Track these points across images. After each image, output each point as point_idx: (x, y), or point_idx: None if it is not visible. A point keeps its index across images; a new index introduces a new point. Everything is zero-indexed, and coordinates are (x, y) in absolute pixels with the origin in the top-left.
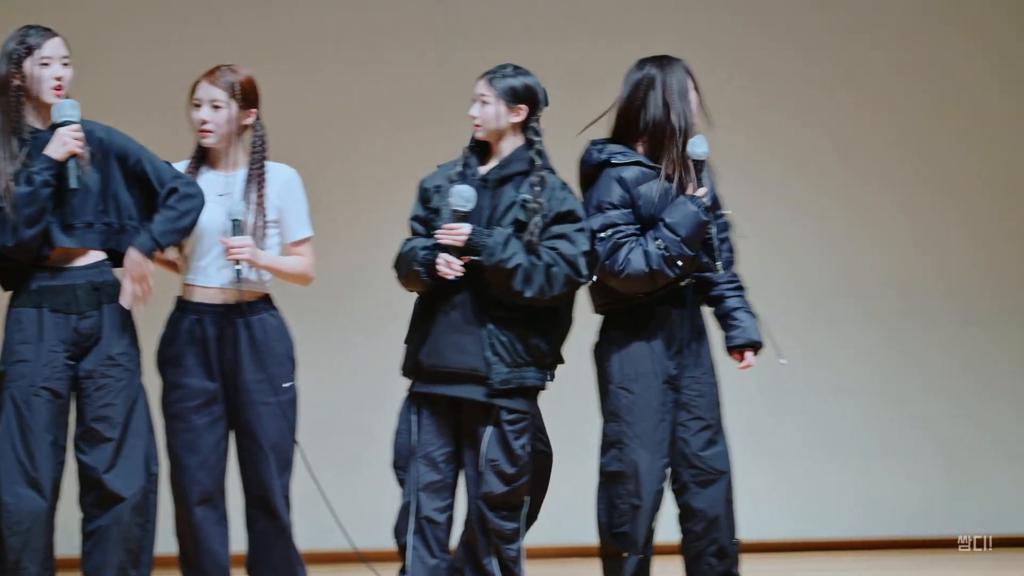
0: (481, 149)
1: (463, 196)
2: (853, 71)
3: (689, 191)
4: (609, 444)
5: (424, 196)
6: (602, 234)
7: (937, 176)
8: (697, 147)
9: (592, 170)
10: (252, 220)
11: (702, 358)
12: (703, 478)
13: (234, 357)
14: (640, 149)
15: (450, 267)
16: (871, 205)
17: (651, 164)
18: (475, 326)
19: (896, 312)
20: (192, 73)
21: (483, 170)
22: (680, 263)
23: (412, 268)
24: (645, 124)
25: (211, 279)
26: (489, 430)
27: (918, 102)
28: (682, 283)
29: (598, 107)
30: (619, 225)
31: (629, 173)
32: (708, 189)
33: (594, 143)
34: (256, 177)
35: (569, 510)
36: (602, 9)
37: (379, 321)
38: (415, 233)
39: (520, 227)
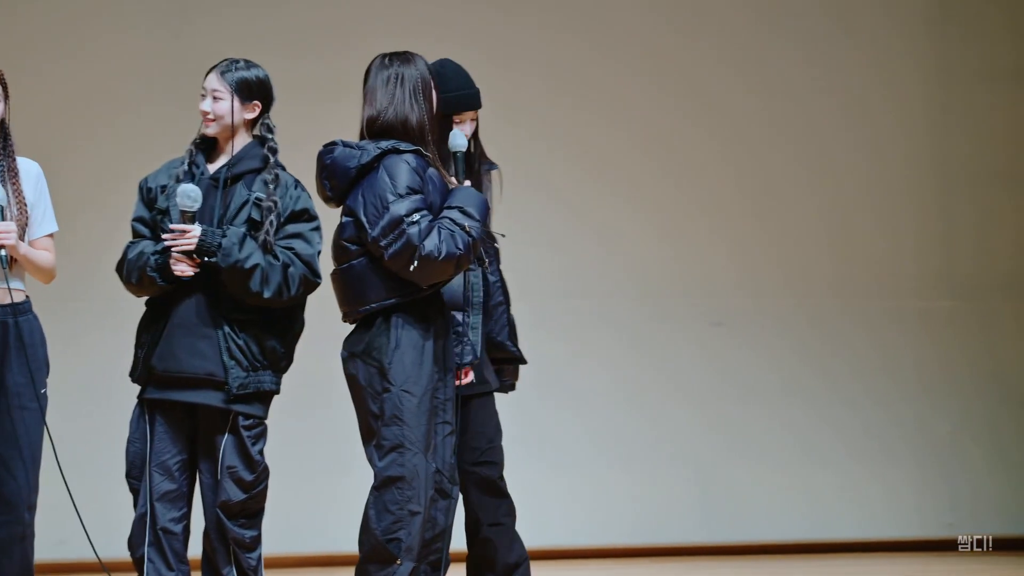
0: (207, 146)
1: (189, 196)
2: (592, 71)
3: (454, 183)
4: (389, 448)
5: (148, 196)
6: (412, 217)
7: (685, 176)
8: (455, 139)
9: (363, 168)
10: (14, 211)
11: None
12: (444, 488)
13: (1, 358)
14: None
15: (184, 270)
16: (607, 204)
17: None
18: (211, 328)
19: (638, 314)
20: None
21: (212, 168)
22: (478, 246)
23: (145, 274)
24: (397, 120)
25: None
26: (227, 437)
27: (663, 104)
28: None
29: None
30: (423, 209)
31: (416, 161)
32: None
33: (346, 144)
34: (9, 170)
35: (333, 518)
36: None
37: (112, 320)
38: (138, 235)
39: (254, 226)
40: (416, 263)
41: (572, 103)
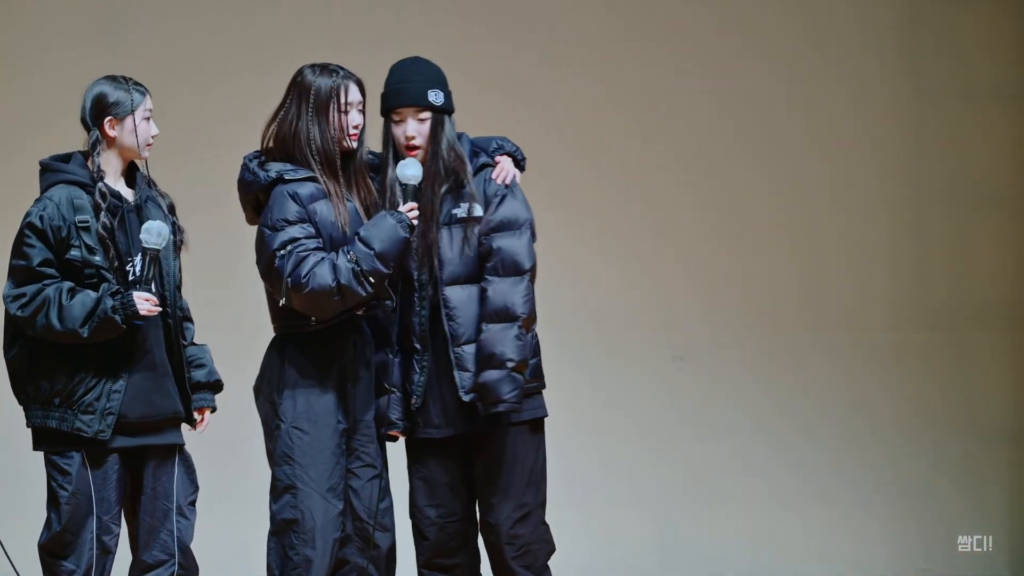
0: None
1: (160, 233)
2: (547, 87)
3: (399, 207)
4: (282, 490)
5: (57, 236)
6: (281, 251)
7: (645, 199)
8: (406, 169)
9: (263, 191)
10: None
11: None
12: (368, 535)
13: None
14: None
15: (151, 308)
16: (560, 228)
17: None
18: (168, 365)
19: (594, 346)
20: None
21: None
22: (372, 280)
23: (108, 318)
24: (295, 138)
25: None
26: (177, 471)
27: (621, 124)
28: (364, 309)
29: None
30: (300, 239)
31: (304, 189)
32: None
33: (249, 159)
34: None
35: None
36: None
37: None
38: (47, 278)
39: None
40: (284, 297)
41: (529, 120)
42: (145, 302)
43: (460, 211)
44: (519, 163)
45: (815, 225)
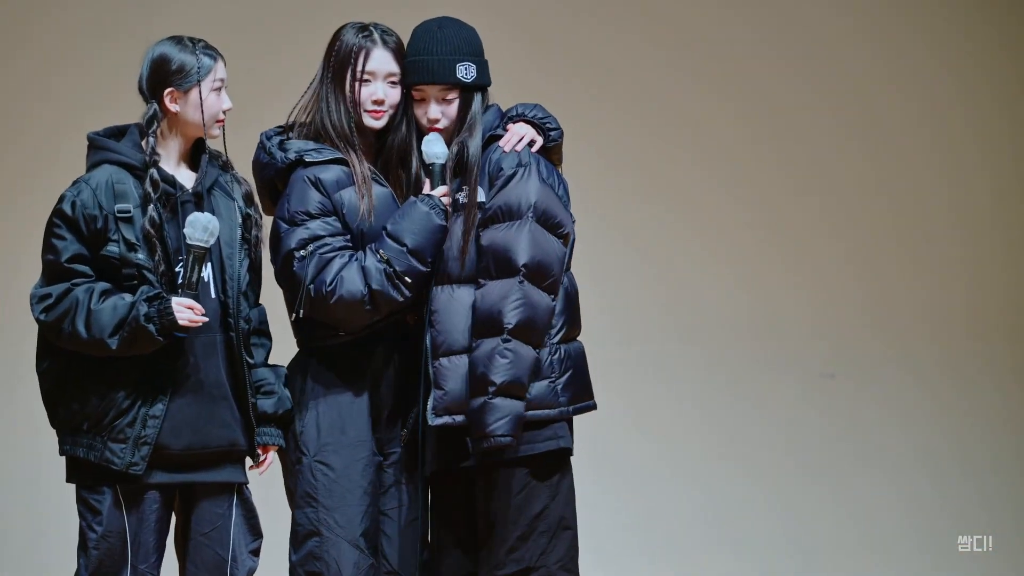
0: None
1: (206, 228)
2: (659, 85)
3: (425, 190)
4: (303, 536)
5: (92, 227)
6: (301, 251)
7: (770, 210)
8: (431, 146)
9: (280, 176)
10: None
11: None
12: None
13: None
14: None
15: (194, 317)
16: (713, 237)
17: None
18: (226, 387)
19: (744, 359)
20: None
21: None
22: (408, 281)
23: (140, 327)
24: (315, 109)
25: None
26: (235, 512)
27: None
28: (410, 318)
29: None
30: (323, 237)
31: (328, 174)
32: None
33: (268, 135)
34: None
35: None
36: None
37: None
38: (78, 276)
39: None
40: (303, 308)
41: (641, 119)
42: (186, 310)
43: (462, 195)
44: (546, 133)
45: (982, 225)
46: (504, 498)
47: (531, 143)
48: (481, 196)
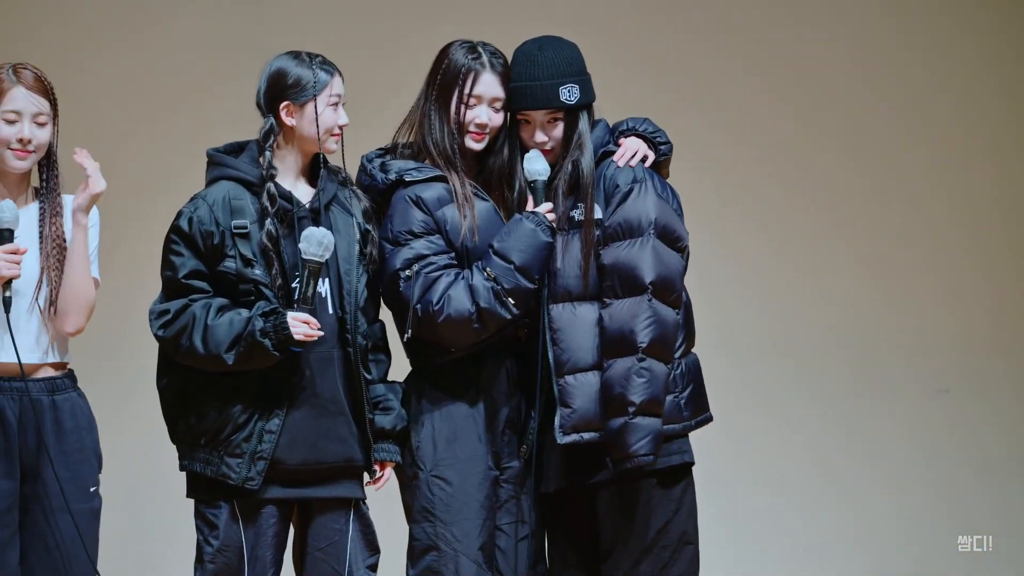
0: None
1: (321, 243)
2: (781, 127)
3: (528, 207)
4: (421, 551)
5: (210, 243)
6: (406, 272)
7: (905, 214)
8: (532, 164)
9: (382, 196)
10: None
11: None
12: None
13: (35, 450)
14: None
15: (309, 332)
16: (816, 247)
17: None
18: (342, 402)
19: (845, 376)
20: None
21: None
22: (515, 299)
23: (256, 342)
24: (420, 127)
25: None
26: (352, 529)
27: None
28: (520, 332)
29: None
30: (428, 256)
31: (430, 192)
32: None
33: (369, 158)
34: (52, 207)
35: None
36: None
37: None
38: (195, 292)
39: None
40: (411, 328)
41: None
42: (302, 325)
43: (578, 213)
44: (656, 147)
45: None
46: (629, 513)
47: (644, 158)
48: (598, 213)
